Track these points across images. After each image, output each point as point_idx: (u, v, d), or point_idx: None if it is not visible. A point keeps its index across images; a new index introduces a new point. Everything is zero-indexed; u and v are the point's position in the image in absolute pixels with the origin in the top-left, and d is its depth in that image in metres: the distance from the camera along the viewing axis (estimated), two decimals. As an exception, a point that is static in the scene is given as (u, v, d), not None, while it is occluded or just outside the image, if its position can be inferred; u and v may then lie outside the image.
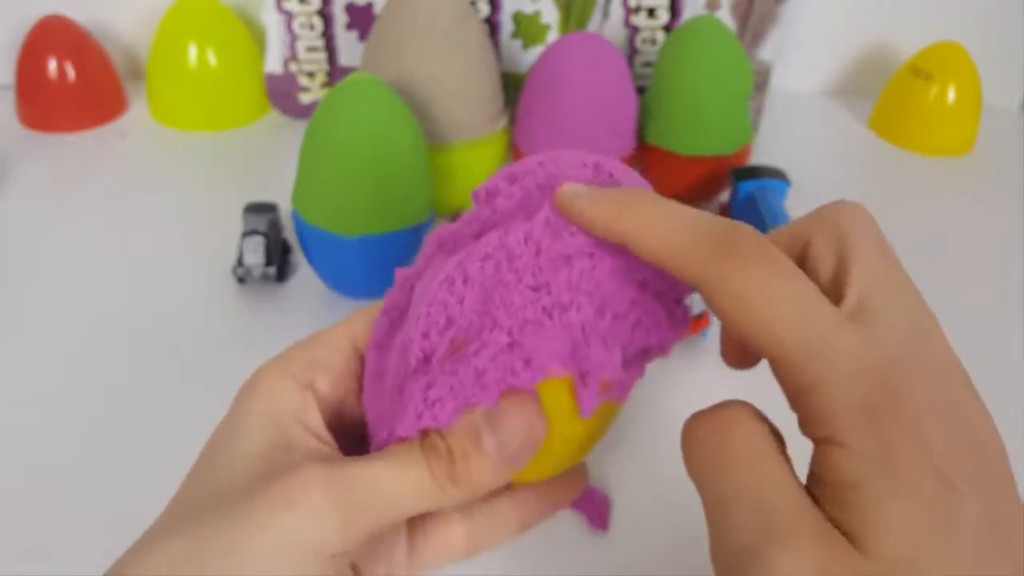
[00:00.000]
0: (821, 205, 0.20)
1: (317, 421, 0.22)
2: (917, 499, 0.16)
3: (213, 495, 0.20)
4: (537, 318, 0.20)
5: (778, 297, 0.17)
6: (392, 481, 0.20)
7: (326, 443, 0.21)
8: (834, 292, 0.18)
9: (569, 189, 0.20)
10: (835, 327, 0.17)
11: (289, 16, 0.60)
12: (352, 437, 0.23)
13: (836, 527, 0.16)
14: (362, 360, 0.24)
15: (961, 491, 0.16)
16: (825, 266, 0.19)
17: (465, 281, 0.20)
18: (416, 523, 0.25)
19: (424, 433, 0.20)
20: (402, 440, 0.20)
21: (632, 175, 0.23)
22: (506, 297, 0.20)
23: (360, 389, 0.23)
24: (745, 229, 0.18)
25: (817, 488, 0.17)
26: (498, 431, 0.20)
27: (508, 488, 0.25)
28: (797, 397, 0.17)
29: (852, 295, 0.18)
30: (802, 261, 0.19)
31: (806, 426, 0.17)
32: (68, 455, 0.36)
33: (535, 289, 0.20)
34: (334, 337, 0.23)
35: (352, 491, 0.19)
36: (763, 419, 0.19)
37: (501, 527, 0.26)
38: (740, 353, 0.22)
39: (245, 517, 0.19)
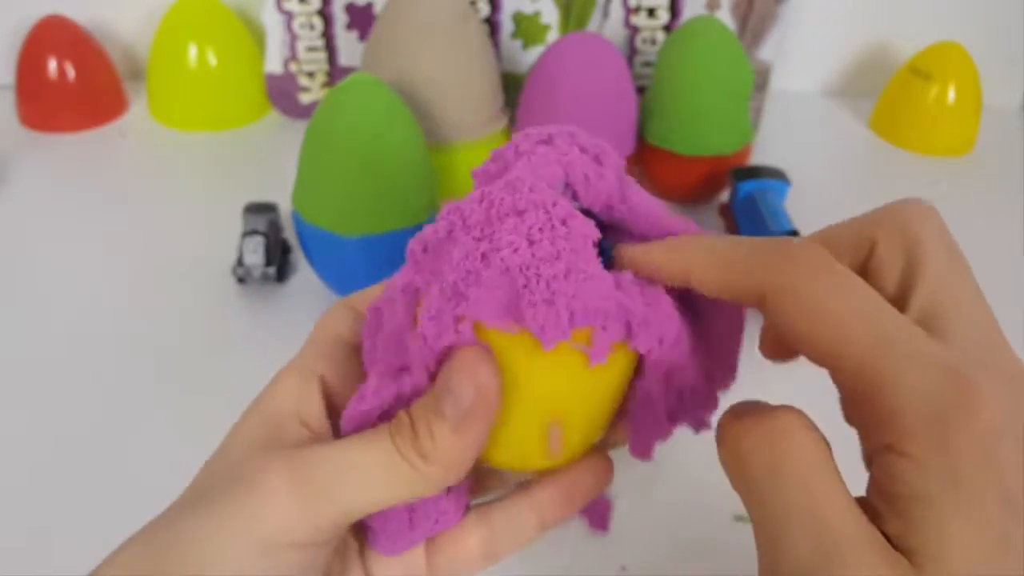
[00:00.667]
0: (889, 203, 0.20)
1: (316, 410, 0.21)
2: (981, 517, 0.15)
3: (190, 496, 0.20)
4: (475, 267, 0.19)
5: (845, 300, 0.17)
6: (358, 463, 0.19)
7: (318, 433, 0.21)
8: (900, 300, 0.18)
9: (626, 248, 0.21)
10: (906, 328, 0.16)
11: (289, 16, 0.60)
12: None
13: (893, 542, 0.16)
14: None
15: (1020, 510, 0.15)
16: (892, 272, 0.18)
17: (425, 250, 0.20)
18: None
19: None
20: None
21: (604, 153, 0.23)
22: (450, 252, 0.19)
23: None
24: (804, 241, 0.18)
25: (876, 500, 0.17)
26: (452, 391, 0.19)
27: (524, 486, 0.24)
28: (862, 401, 0.16)
29: (918, 303, 0.17)
30: (866, 264, 0.19)
31: (869, 432, 0.17)
32: (68, 454, 0.36)
33: (478, 239, 0.19)
34: (338, 332, 0.23)
35: (314, 473, 0.18)
36: (815, 429, 0.18)
37: (519, 529, 0.24)
38: (780, 345, 0.21)
39: (207, 512, 0.18)
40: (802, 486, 0.17)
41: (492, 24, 0.59)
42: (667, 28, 0.60)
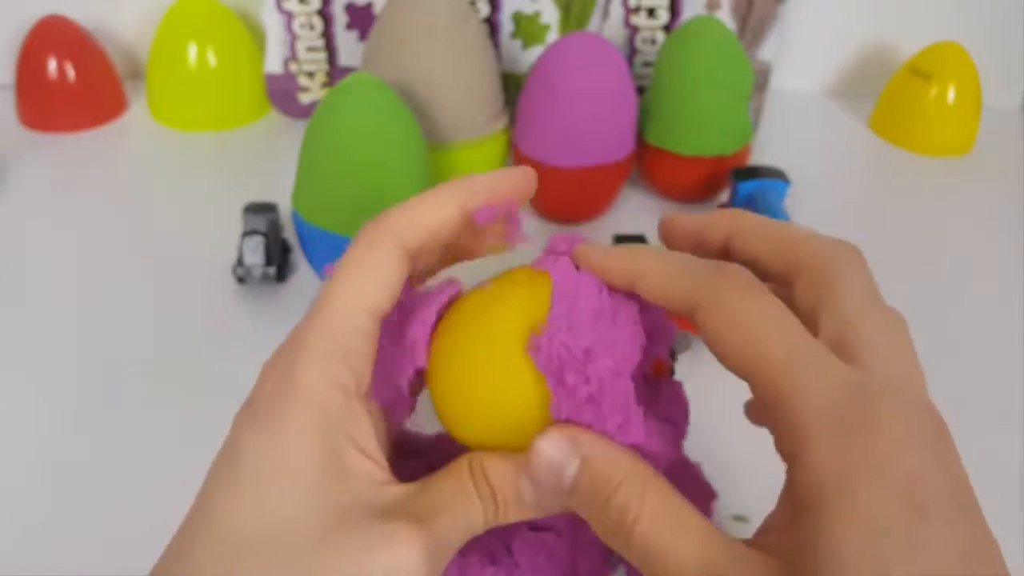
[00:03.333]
0: (820, 239, 0.21)
1: (368, 433, 0.21)
2: (878, 523, 0.15)
3: (275, 545, 0.18)
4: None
5: (764, 316, 0.18)
6: (461, 530, 0.21)
7: (378, 462, 0.21)
8: (813, 327, 0.19)
9: (584, 246, 0.22)
10: (816, 348, 0.18)
11: (289, 16, 0.60)
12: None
13: (788, 549, 0.17)
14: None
15: (931, 515, 0.15)
16: (807, 303, 0.20)
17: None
18: None
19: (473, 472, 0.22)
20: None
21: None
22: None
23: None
24: (735, 264, 0.20)
25: (784, 507, 0.18)
26: (541, 498, 0.21)
27: None
28: (773, 411, 0.18)
29: (828, 332, 0.19)
30: (790, 294, 0.21)
31: (779, 443, 0.18)
32: (68, 455, 0.36)
33: None
34: (358, 320, 0.21)
35: (440, 552, 0.20)
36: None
37: None
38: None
39: (324, 566, 0.18)
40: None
41: (492, 24, 0.59)
42: (667, 28, 0.60)
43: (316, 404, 0.20)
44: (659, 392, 0.24)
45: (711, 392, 0.29)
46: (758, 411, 0.22)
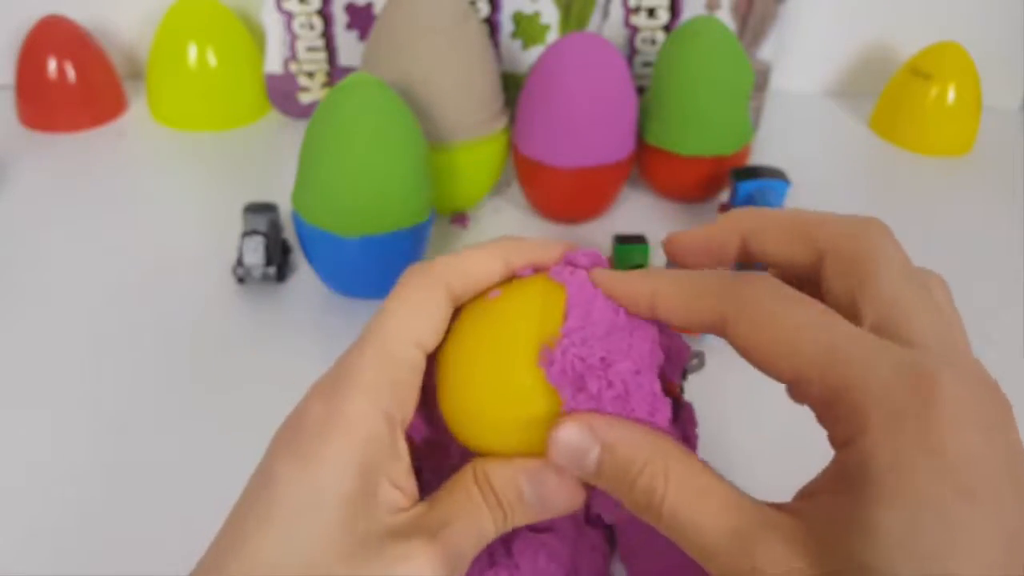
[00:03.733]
0: (841, 215, 0.21)
1: (403, 466, 0.21)
2: (923, 505, 0.15)
3: (294, 564, 0.19)
4: None
5: (797, 314, 0.18)
6: (473, 538, 0.21)
7: (406, 492, 0.21)
8: (854, 313, 0.19)
9: (600, 272, 0.22)
10: (857, 334, 0.17)
11: (289, 16, 0.60)
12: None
13: (834, 535, 0.16)
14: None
15: (979, 498, 0.15)
16: (843, 287, 0.19)
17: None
18: None
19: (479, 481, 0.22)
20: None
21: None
22: None
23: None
24: (755, 272, 0.20)
25: (822, 483, 0.18)
26: (543, 500, 0.22)
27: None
28: (826, 407, 0.17)
29: (872, 314, 0.18)
30: (818, 274, 0.20)
31: (835, 436, 0.18)
32: (68, 455, 0.36)
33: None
34: (408, 352, 0.22)
35: (456, 561, 0.21)
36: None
37: None
38: None
39: None
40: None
41: (492, 24, 0.59)
42: (667, 28, 0.60)
43: (361, 436, 0.20)
44: (675, 414, 0.24)
45: (711, 397, 0.29)
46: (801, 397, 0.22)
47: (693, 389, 0.27)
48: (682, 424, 0.24)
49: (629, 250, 0.47)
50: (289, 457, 0.20)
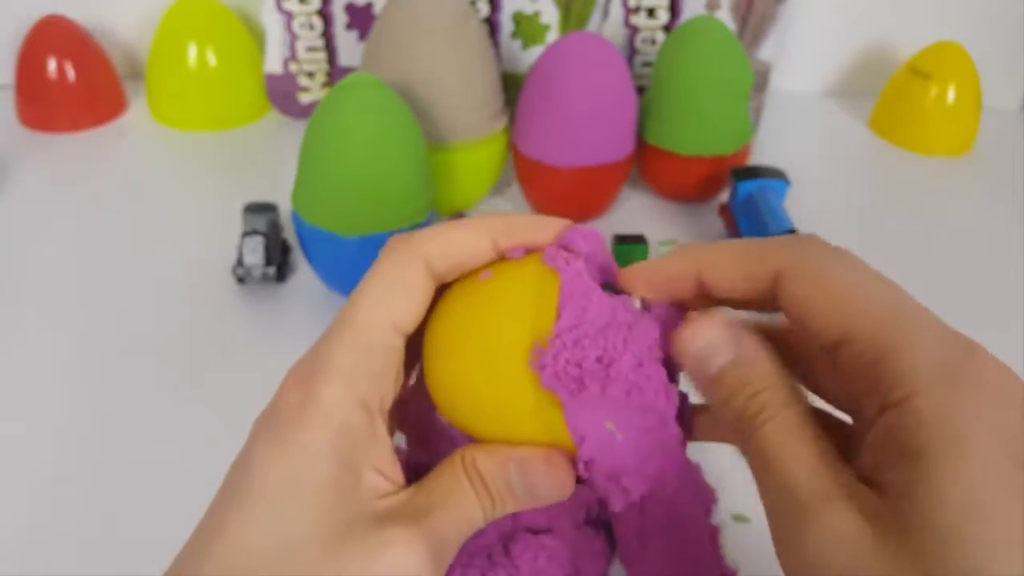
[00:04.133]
0: (791, 237, 0.21)
1: (385, 452, 0.21)
2: (985, 469, 0.16)
3: (281, 562, 0.19)
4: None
5: (858, 275, 0.18)
6: (460, 525, 0.21)
7: (390, 478, 0.21)
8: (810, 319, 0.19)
9: (631, 269, 0.22)
10: (915, 302, 0.18)
11: (289, 16, 0.60)
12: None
13: (883, 496, 0.17)
14: (408, 346, 0.22)
15: None
16: (799, 302, 0.20)
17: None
18: None
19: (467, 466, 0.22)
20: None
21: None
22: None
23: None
24: (812, 234, 0.20)
25: (872, 459, 0.18)
26: (531, 489, 0.21)
27: None
28: (872, 365, 0.18)
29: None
30: (772, 301, 0.20)
31: (876, 395, 0.18)
32: (67, 455, 0.36)
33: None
34: (384, 336, 0.21)
35: (442, 548, 0.20)
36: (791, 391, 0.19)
37: None
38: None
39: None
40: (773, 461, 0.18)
41: (492, 24, 0.59)
42: (667, 28, 0.60)
43: (337, 423, 0.20)
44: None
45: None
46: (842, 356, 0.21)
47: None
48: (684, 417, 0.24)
49: (628, 250, 0.47)
50: (267, 443, 0.20)
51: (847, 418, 0.21)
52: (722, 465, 0.33)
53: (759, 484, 0.19)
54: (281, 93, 0.63)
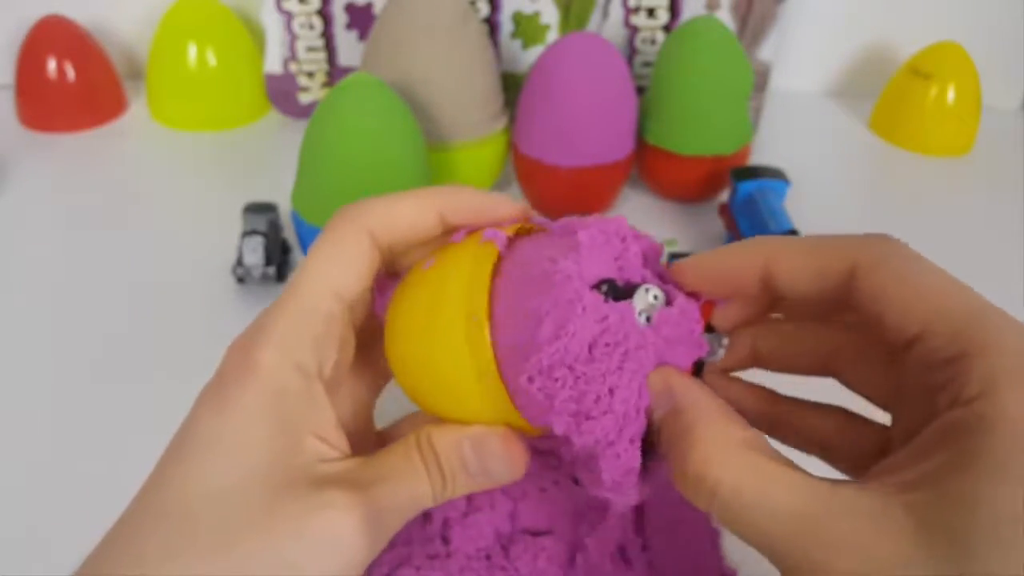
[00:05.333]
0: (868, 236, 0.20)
1: (326, 417, 0.21)
2: None
3: (215, 509, 0.19)
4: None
5: (937, 273, 0.18)
6: (405, 500, 0.21)
7: (332, 443, 0.21)
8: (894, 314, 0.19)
9: (683, 264, 0.21)
10: (992, 304, 0.18)
11: (289, 16, 0.60)
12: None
13: (940, 496, 0.16)
14: (352, 314, 0.22)
15: None
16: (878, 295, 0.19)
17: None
18: None
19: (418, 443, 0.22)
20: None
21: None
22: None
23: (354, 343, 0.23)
24: (886, 233, 0.20)
25: (915, 455, 0.17)
26: (486, 468, 0.21)
27: None
28: (946, 362, 0.17)
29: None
30: (849, 286, 0.20)
31: (949, 389, 0.17)
32: (66, 455, 0.36)
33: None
34: (325, 303, 0.21)
35: (381, 519, 0.20)
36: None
37: None
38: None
39: (265, 542, 0.19)
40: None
41: (492, 24, 0.59)
42: (667, 28, 0.60)
43: (272, 385, 0.20)
44: None
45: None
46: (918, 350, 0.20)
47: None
48: None
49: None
50: (208, 404, 0.21)
51: (884, 418, 0.21)
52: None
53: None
54: (281, 93, 0.63)
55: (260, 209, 0.46)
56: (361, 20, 0.60)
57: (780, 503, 0.17)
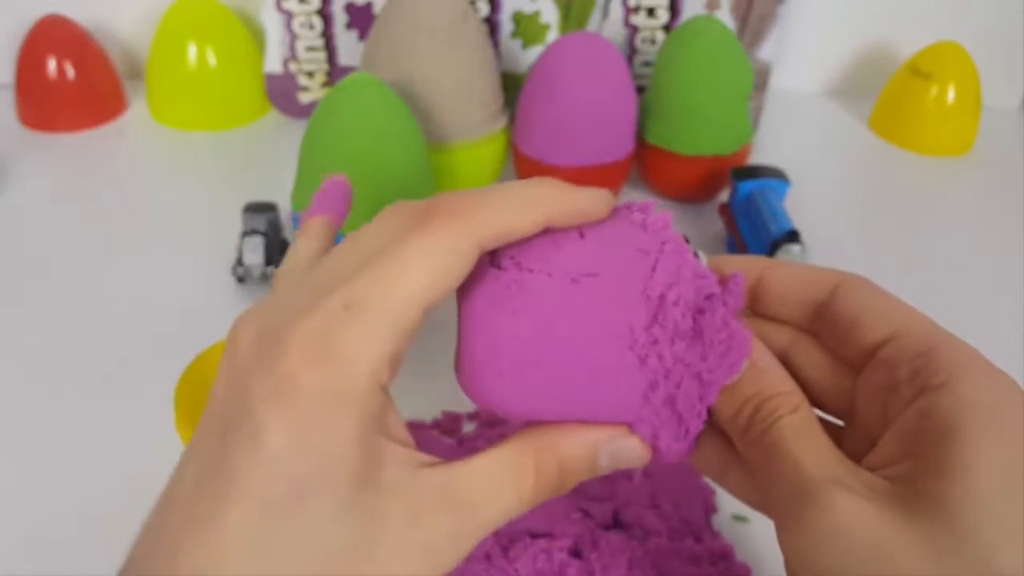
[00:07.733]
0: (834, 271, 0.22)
1: (398, 423, 0.20)
2: (1010, 447, 0.17)
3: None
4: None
5: (897, 298, 0.21)
6: (495, 507, 0.20)
7: (408, 444, 0.20)
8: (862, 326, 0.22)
9: (715, 259, 0.23)
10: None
11: (289, 16, 0.60)
12: None
13: (908, 478, 0.18)
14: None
15: None
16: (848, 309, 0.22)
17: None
18: None
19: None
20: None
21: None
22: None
23: None
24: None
25: (893, 447, 0.19)
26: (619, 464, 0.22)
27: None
28: (918, 355, 0.19)
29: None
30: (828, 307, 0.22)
31: (916, 380, 0.19)
32: (67, 453, 0.36)
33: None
34: (417, 321, 0.19)
35: (470, 525, 0.20)
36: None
37: None
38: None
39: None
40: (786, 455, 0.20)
41: (492, 24, 0.59)
42: (667, 28, 0.60)
43: (363, 410, 0.18)
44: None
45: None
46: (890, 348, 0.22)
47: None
48: None
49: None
50: (283, 416, 0.17)
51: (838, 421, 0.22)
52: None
53: (765, 476, 0.20)
54: (281, 93, 0.63)
55: (260, 209, 0.46)
56: (361, 20, 0.60)
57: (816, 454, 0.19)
